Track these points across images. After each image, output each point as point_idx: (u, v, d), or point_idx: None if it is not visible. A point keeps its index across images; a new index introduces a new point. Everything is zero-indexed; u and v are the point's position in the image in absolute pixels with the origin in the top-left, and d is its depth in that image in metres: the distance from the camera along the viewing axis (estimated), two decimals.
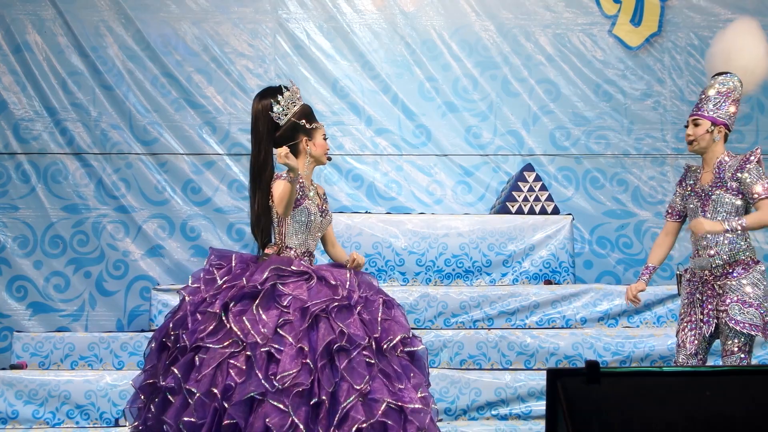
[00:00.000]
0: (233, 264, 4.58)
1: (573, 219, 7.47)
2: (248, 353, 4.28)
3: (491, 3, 8.21)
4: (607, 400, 2.78)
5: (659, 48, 8.18)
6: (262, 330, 4.32)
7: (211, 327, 4.38)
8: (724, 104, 5.02)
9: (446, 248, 7.16)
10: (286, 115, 4.72)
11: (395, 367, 4.40)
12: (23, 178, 7.90)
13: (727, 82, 5.04)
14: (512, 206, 7.38)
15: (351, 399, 4.25)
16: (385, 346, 4.42)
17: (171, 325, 4.49)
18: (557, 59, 8.17)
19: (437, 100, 8.14)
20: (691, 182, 5.11)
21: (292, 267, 4.52)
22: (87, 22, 8.03)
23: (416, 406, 4.34)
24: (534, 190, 7.43)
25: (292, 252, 4.66)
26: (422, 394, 4.43)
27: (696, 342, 4.98)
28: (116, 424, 6.35)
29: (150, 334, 6.69)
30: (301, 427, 4.19)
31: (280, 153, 4.44)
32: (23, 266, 7.82)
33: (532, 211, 7.38)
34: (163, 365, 4.45)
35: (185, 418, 4.25)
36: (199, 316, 4.44)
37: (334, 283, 4.48)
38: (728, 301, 4.88)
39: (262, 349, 4.28)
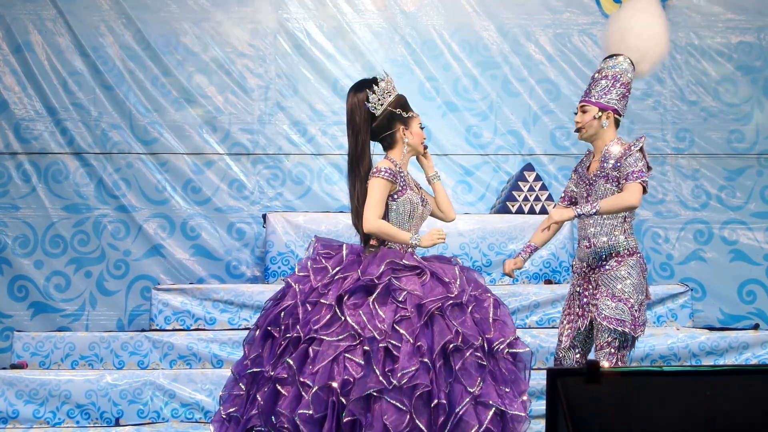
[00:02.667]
0: (344, 254, 4.49)
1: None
2: (366, 348, 4.18)
3: (491, 3, 8.21)
4: (607, 400, 2.78)
5: None
6: (380, 325, 4.21)
7: (326, 319, 4.28)
8: (612, 89, 4.81)
9: (446, 248, 7.16)
10: (381, 105, 4.67)
11: (502, 369, 4.29)
12: (24, 178, 7.91)
13: (617, 65, 4.83)
14: (512, 206, 7.39)
15: (465, 403, 4.13)
16: (496, 348, 4.31)
17: (282, 315, 4.38)
18: (557, 59, 8.17)
19: (437, 99, 8.14)
20: (581, 169, 4.95)
21: (404, 261, 4.42)
22: (87, 22, 8.04)
23: (517, 413, 4.21)
24: (534, 190, 7.43)
25: (396, 244, 4.56)
26: (523, 398, 4.32)
27: (571, 336, 4.83)
28: (117, 424, 6.35)
29: (150, 334, 6.74)
30: (424, 429, 4.08)
31: (441, 236, 4.52)
32: (24, 266, 7.82)
33: (532, 211, 7.38)
34: (271, 355, 4.33)
35: (301, 411, 4.15)
36: (309, 307, 4.33)
37: (447, 280, 4.37)
38: (599, 295, 4.71)
39: (380, 345, 4.18)
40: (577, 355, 4.88)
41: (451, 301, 4.31)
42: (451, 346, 4.20)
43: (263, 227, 7.57)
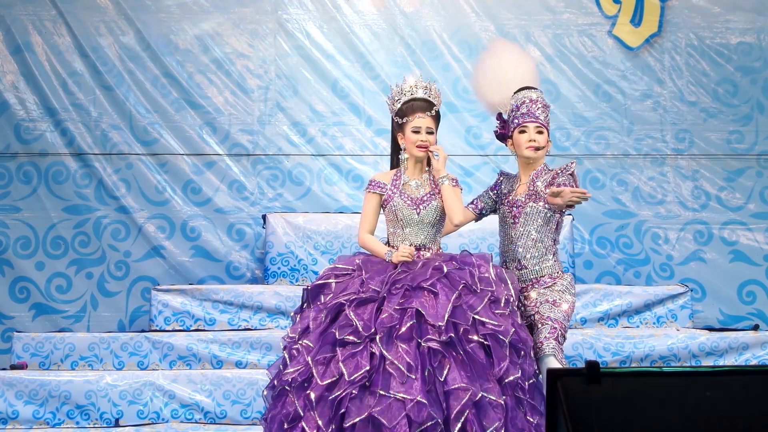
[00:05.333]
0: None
1: (573, 219, 7.47)
2: (285, 350, 4.61)
3: (491, 3, 8.21)
4: (607, 400, 2.79)
5: (659, 48, 8.19)
6: (299, 328, 4.59)
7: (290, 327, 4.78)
8: (548, 115, 4.92)
9: (446, 249, 7.15)
10: (394, 113, 4.89)
11: (407, 358, 4.33)
12: (25, 179, 7.91)
13: (541, 96, 4.93)
14: None
15: (341, 391, 4.32)
16: (395, 336, 4.42)
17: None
18: (557, 60, 8.17)
19: None
20: (506, 191, 4.97)
21: (352, 266, 4.70)
22: (87, 23, 8.04)
23: (418, 399, 4.26)
24: None
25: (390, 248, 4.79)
26: (449, 387, 4.32)
27: None
28: (116, 425, 6.35)
29: (150, 334, 6.74)
30: (301, 413, 4.37)
31: (405, 255, 4.67)
32: (25, 267, 7.82)
33: None
34: None
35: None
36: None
37: (365, 278, 4.58)
38: (537, 303, 4.75)
39: (294, 347, 4.55)
40: None
41: (355, 297, 4.50)
42: (338, 339, 4.42)
43: (263, 228, 7.57)
